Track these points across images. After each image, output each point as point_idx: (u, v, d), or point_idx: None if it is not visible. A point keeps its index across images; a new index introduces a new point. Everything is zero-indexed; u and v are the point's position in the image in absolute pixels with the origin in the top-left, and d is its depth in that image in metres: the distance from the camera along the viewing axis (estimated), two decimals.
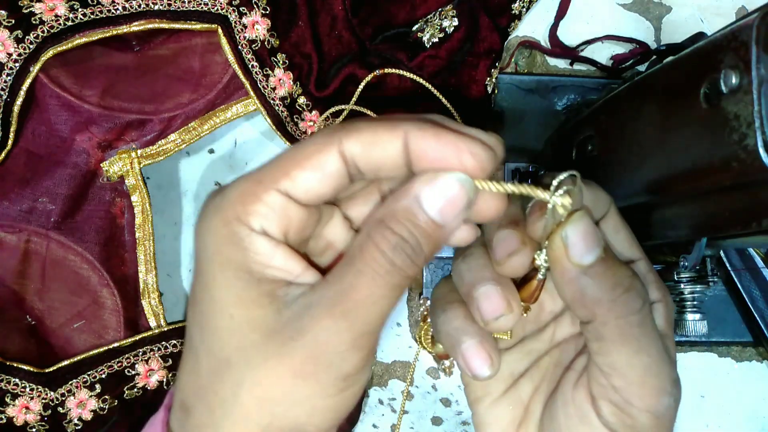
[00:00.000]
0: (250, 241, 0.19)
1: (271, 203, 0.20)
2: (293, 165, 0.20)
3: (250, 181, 0.20)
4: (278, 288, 0.20)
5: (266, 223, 0.20)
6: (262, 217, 0.20)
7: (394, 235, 0.19)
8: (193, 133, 0.43)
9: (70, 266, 0.42)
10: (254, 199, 0.20)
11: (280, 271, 0.20)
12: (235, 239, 0.19)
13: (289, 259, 0.20)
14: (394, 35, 0.44)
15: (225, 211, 0.20)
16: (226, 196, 0.20)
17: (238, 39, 0.41)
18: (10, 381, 0.39)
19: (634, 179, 0.29)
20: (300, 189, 0.20)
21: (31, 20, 0.37)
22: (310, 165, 0.20)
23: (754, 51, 0.20)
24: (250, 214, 0.20)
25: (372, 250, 0.19)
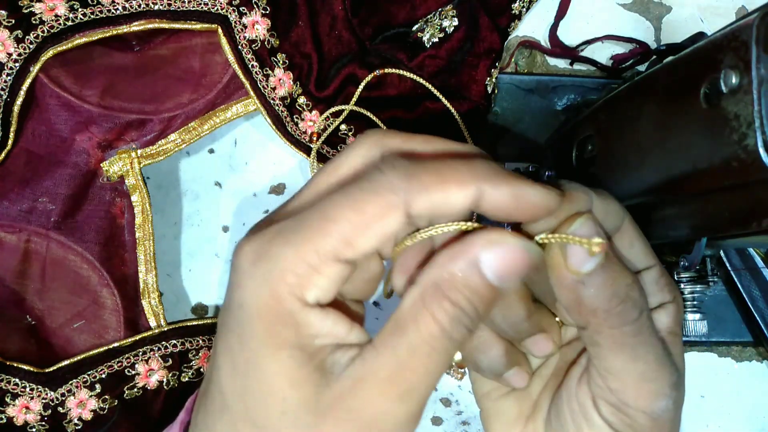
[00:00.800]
0: (304, 316, 0.18)
1: (330, 275, 0.18)
2: (355, 232, 0.18)
3: (304, 247, 0.18)
4: (327, 356, 0.19)
5: (321, 294, 0.19)
6: (318, 290, 0.18)
7: (453, 307, 0.18)
8: (193, 133, 0.43)
9: (70, 266, 0.42)
10: (311, 272, 0.18)
11: (328, 338, 0.19)
12: (288, 318, 0.18)
13: (337, 323, 0.19)
14: (394, 35, 0.44)
15: (276, 283, 0.18)
16: (276, 263, 0.18)
17: (238, 39, 0.41)
18: (10, 381, 0.39)
19: (634, 179, 0.29)
20: (357, 254, 0.18)
21: (31, 20, 0.37)
22: (373, 230, 0.18)
23: (754, 51, 0.20)
24: (306, 288, 0.18)
25: (429, 324, 0.18)
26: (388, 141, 0.20)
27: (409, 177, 0.18)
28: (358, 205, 0.18)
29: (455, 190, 0.18)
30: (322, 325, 0.19)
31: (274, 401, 0.19)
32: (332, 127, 0.44)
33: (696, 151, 0.24)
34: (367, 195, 0.18)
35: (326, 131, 0.44)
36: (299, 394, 0.18)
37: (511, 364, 0.25)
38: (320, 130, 0.43)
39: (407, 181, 0.18)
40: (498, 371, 0.25)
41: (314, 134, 0.44)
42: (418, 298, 0.19)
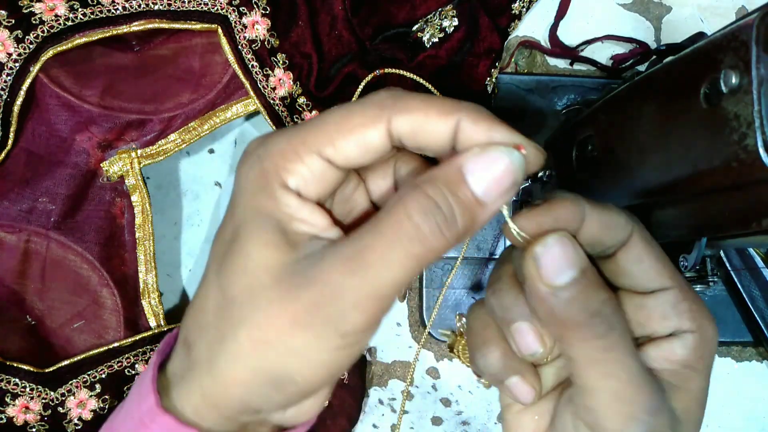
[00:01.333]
0: (283, 195, 0.20)
1: (310, 165, 0.20)
2: (339, 133, 0.20)
3: (295, 138, 0.20)
4: (303, 240, 0.20)
5: (302, 183, 0.20)
6: (298, 177, 0.20)
7: (426, 199, 0.19)
8: (193, 133, 0.43)
9: (70, 266, 0.42)
10: (295, 158, 0.20)
11: (306, 225, 0.20)
12: (270, 192, 0.20)
13: (315, 213, 0.21)
14: (394, 35, 0.44)
15: (265, 163, 0.20)
16: (268, 147, 0.21)
17: (238, 39, 0.41)
18: (10, 381, 0.39)
19: (634, 179, 0.29)
20: (340, 156, 0.20)
21: (31, 20, 0.37)
22: (355, 136, 0.20)
23: (754, 51, 0.20)
24: (289, 171, 0.20)
25: (399, 213, 0.19)
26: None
27: (396, 98, 0.20)
28: (347, 114, 0.20)
29: (435, 115, 0.20)
30: (300, 210, 0.20)
31: (240, 257, 0.20)
32: None
33: (696, 151, 0.24)
34: (356, 107, 0.21)
35: None
36: (265, 256, 0.20)
37: (509, 370, 0.24)
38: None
39: (393, 101, 0.20)
40: (496, 376, 0.25)
41: None
42: (397, 196, 0.19)
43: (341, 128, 0.20)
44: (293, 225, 0.20)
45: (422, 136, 0.20)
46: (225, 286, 0.20)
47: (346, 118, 0.20)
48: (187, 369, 0.21)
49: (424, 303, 0.48)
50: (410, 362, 0.47)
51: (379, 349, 0.48)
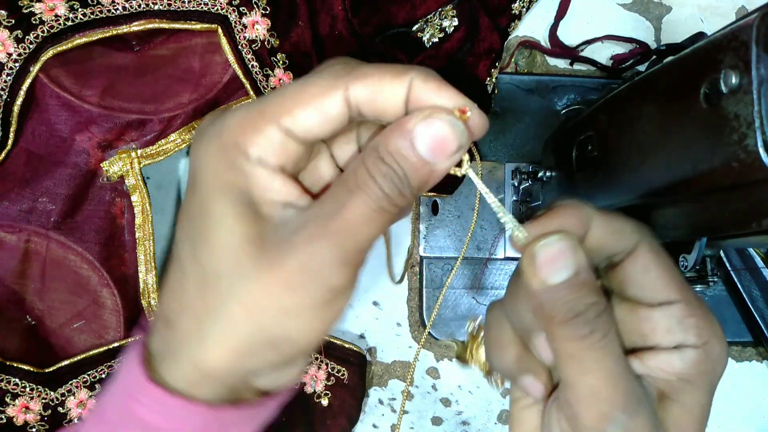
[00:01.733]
0: (250, 168, 0.20)
1: (270, 136, 0.20)
2: (296, 103, 0.20)
3: (252, 111, 0.21)
4: (276, 209, 0.21)
5: (264, 154, 0.21)
6: (259, 149, 0.20)
7: (384, 165, 0.20)
8: (193, 133, 0.43)
9: (70, 266, 0.42)
10: (254, 130, 0.20)
11: (278, 194, 0.21)
12: (235, 165, 0.20)
13: (287, 184, 0.21)
14: (394, 35, 0.44)
15: (224, 137, 0.21)
16: (225, 122, 0.21)
17: (238, 39, 0.41)
18: (10, 381, 0.39)
19: (634, 179, 0.29)
20: (300, 127, 0.21)
21: (31, 20, 0.37)
22: (313, 106, 0.20)
23: (754, 51, 0.20)
24: (249, 144, 0.20)
25: (364, 174, 0.20)
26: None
27: (351, 67, 0.21)
28: (303, 85, 0.21)
29: (389, 79, 0.21)
30: (270, 181, 0.21)
31: (220, 233, 0.20)
32: None
33: (696, 151, 0.24)
34: (313, 78, 0.21)
35: None
36: (246, 229, 0.20)
37: (523, 370, 0.25)
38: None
39: (348, 69, 0.21)
40: (510, 374, 0.26)
41: None
42: (359, 159, 0.21)
43: (298, 99, 0.20)
44: (264, 195, 0.21)
45: (378, 101, 0.21)
46: (205, 263, 0.21)
47: (302, 88, 0.21)
48: (171, 345, 0.22)
49: (424, 303, 0.48)
50: (410, 362, 0.47)
51: (379, 349, 0.48)
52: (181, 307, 0.22)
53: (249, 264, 0.20)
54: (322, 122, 0.21)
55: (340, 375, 0.45)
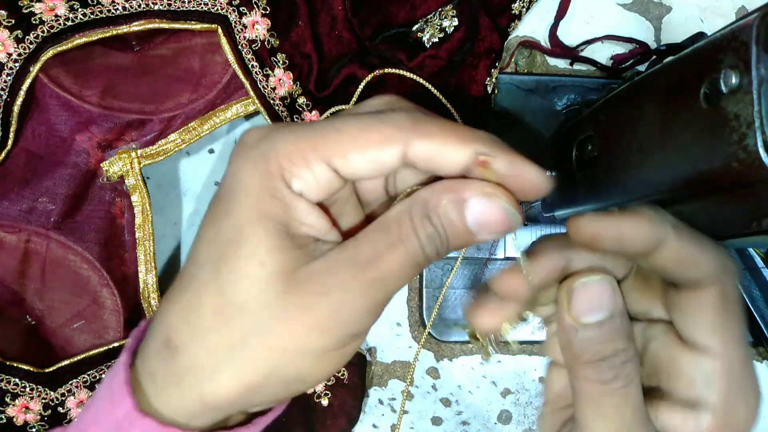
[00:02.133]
0: (291, 199, 0.20)
1: (317, 173, 0.20)
2: (353, 146, 0.20)
3: (304, 141, 0.20)
4: (308, 243, 0.21)
5: (306, 188, 0.20)
6: (304, 183, 0.20)
7: (430, 226, 0.20)
8: (193, 133, 0.43)
9: (70, 266, 0.42)
10: (302, 163, 0.20)
11: (311, 229, 0.21)
12: (278, 195, 0.20)
13: (321, 218, 0.21)
14: (394, 35, 0.44)
15: (270, 163, 0.20)
16: (274, 146, 0.20)
17: (238, 39, 0.41)
18: (10, 381, 0.39)
19: (634, 179, 0.29)
20: (349, 169, 0.20)
21: (31, 20, 0.37)
22: (369, 154, 0.20)
23: (754, 51, 0.20)
24: (295, 176, 0.20)
25: (409, 231, 0.20)
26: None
27: (416, 121, 0.20)
28: (364, 128, 0.20)
29: (454, 144, 0.20)
30: (308, 214, 0.20)
31: (250, 264, 0.20)
32: None
33: (696, 151, 0.24)
34: (375, 123, 0.20)
35: None
36: (278, 263, 0.20)
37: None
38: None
39: (413, 124, 0.20)
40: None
41: None
42: (405, 209, 0.21)
43: (357, 142, 0.20)
44: (300, 229, 0.20)
45: (437, 162, 0.20)
46: (229, 292, 0.20)
47: (363, 132, 0.20)
48: (174, 373, 0.21)
49: (424, 303, 0.48)
50: (410, 362, 0.47)
51: (379, 349, 0.48)
52: (193, 334, 0.21)
53: (276, 302, 0.20)
54: (373, 169, 0.20)
55: (340, 375, 0.45)
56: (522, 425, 0.49)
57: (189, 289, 0.21)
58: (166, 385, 0.21)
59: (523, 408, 0.49)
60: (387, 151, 0.20)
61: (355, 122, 0.20)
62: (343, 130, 0.20)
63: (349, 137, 0.20)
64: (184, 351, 0.21)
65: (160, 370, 0.21)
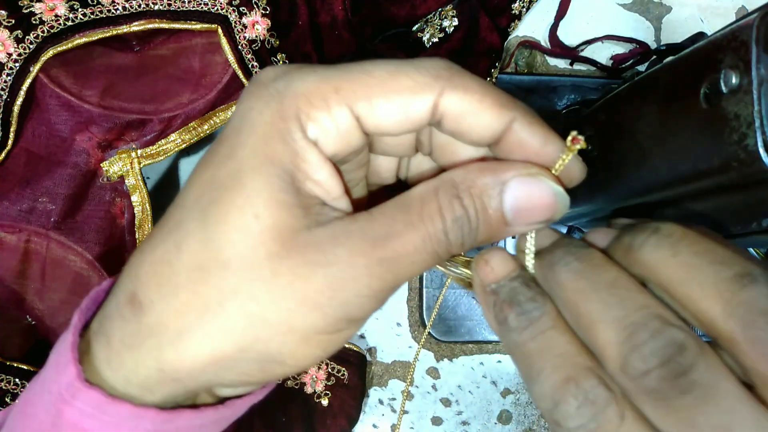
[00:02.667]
0: (303, 146, 0.17)
1: (337, 118, 0.17)
2: (381, 91, 0.17)
3: (326, 81, 0.17)
4: (314, 205, 0.18)
5: (323, 136, 0.17)
6: (321, 128, 0.17)
7: (461, 208, 0.18)
8: (193, 133, 0.43)
9: (70, 266, 0.42)
10: (322, 105, 0.17)
11: (320, 188, 0.18)
12: (288, 139, 0.17)
13: (332, 177, 0.18)
14: (394, 35, 0.44)
15: (285, 102, 0.17)
16: (292, 84, 0.17)
17: (238, 39, 0.41)
18: (10, 381, 0.39)
19: (634, 179, 0.29)
20: (373, 119, 0.18)
21: (31, 20, 0.37)
22: (398, 101, 0.17)
23: (754, 51, 0.20)
24: (312, 119, 0.17)
25: (433, 211, 0.17)
26: None
27: (454, 72, 0.18)
28: (395, 72, 0.18)
29: (490, 105, 0.18)
30: (319, 169, 0.18)
31: (243, 215, 0.17)
32: None
33: (696, 151, 0.24)
34: (408, 68, 0.18)
35: None
36: (275, 218, 0.17)
37: None
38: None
39: (450, 74, 0.18)
40: None
41: None
42: (432, 188, 0.18)
43: (386, 86, 0.17)
44: (307, 185, 0.18)
45: (469, 122, 0.18)
46: (213, 245, 0.17)
47: (393, 76, 0.17)
48: (137, 333, 0.18)
49: (424, 303, 0.48)
50: (410, 362, 0.47)
51: (379, 349, 0.48)
52: (163, 290, 0.18)
53: (266, 264, 0.17)
54: (400, 121, 0.18)
55: (340, 375, 0.45)
56: (522, 425, 0.49)
57: (168, 239, 0.18)
58: (122, 349, 0.18)
59: (523, 408, 0.49)
60: (417, 100, 0.17)
61: (385, 66, 0.18)
62: (371, 72, 0.17)
63: (378, 81, 0.17)
64: (149, 309, 0.18)
65: (118, 331, 0.18)
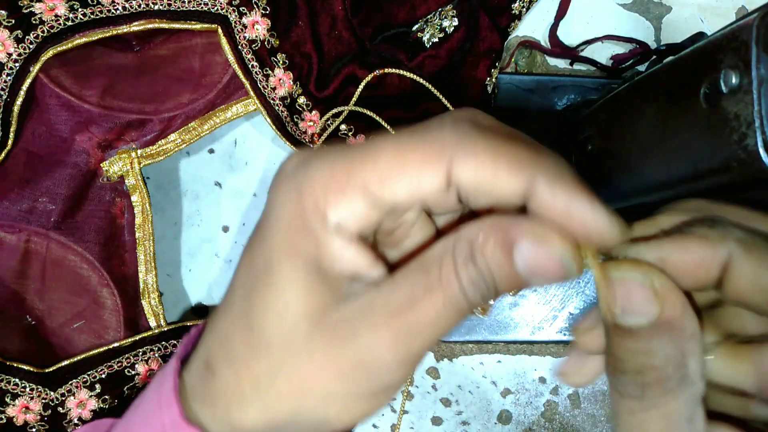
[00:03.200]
0: (325, 235, 0.18)
1: (354, 202, 0.18)
2: (388, 171, 0.18)
3: (339, 169, 0.18)
4: (343, 282, 0.19)
5: (344, 219, 0.18)
6: (340, 213, 0.18)
7: (475, 270, 0.18)
8: (193, 133, 0.43)
9: (70, 266, 0.42)
10: (339, 193, 0.18)
11: (348, 265, 0.19)
12: (309, 230, 0.18)
13: (360, 253, 0.19)
14: (394, 35, 0.44)
15: (304, 193, 0.18)
16: (309, 174, 0.18)
17: (238, 39, 0.41)
18: (10, 381, 0.39)
19: (634, 179, 0.29)
20: (388, 197, 0.18)
21: (31, 20, 0.37)
22: (407, 177, 0.18)
23: (754, 51, 0.20)
24: (330, 207, 0.18)
25: (450, 274, 0.18)
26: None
27: (462, 136, 0.17)
28: (402, 148, 0.18)
29: (505, 168, 0.17)
30: (343, 251, 0.18)
31: (277, 302, 0.19)
32: (332, 128, 0.44)
33: (696, 151, 0.24)
34: (415, 141, 0.18)
35: (326, 131, 0.44)
36: (305, 304, 0.19)
37: None
38: (320, 130, 0.44)
39: (457, 139, 0.17)
40: None
41: (315, 135, 0.44)
42: (449, 247, 0.18)
43: (394, 165, 0.18)
44: (334, 266, 0.19)
45: (484, 188, 0.17)
46: (257, 328, 0.19)
47: (400, 153, 0.18)
48: (210, 391, 0.21)
49: None
50: None
51: None
52: (225, 358, 0.20)
53: (303, 344, 0.19)
54: (413, 195, 0.18)
55: None
56: (522, 425, 0.49)
57: (226, 315, 0.21)
58: (203, 403, 0.21)
59: (523, 408, 0.49)
60: (427, 174, 0.17)
61: (393, 143, 0.18)
62: (380, 152, 0.18)
63: (386, 160, 0.18)
64: (219, 375, 0.21)
65: (199, 387, 0.21)
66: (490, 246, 0.18)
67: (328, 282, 0.19)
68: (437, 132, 0.18)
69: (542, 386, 0.49)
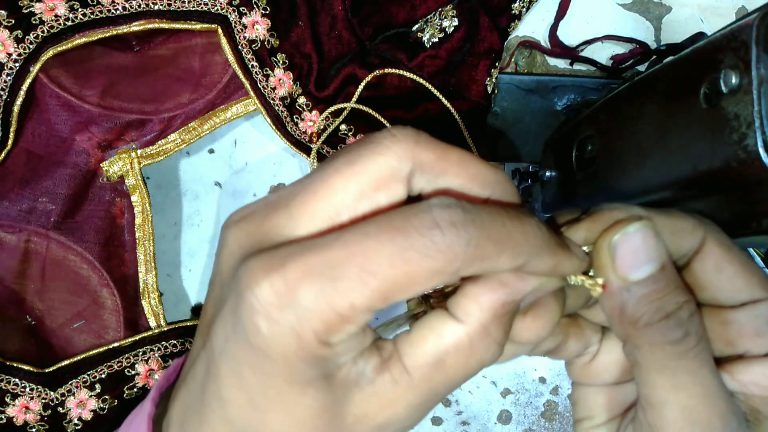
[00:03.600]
0: (328, 352, 0.17)
1: (361, 322, 0.17)
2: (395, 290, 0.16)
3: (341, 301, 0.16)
4: (351, 370, 0.18)
5: (347, 337, 0.17)
6: (345, 335, 0.17)
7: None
8: (193, 133, 0.43)
9: (70, 266, 0.42)
10: (343, 322, 0.16)
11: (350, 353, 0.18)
12: (313, 358, 0.17)
13: (357, 338, 0.18)
14: (394, 35, 0.44)
15: (303, 331, 0.16)
16: (305, 311, 0.16)
17: (238, 39, 0.41)
18: (10, 381, 0.39)
19: (634, 179, 0.29)
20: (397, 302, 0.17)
21: (31, 20, 0.37)
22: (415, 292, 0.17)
23: (754, 51, 0.20)
24: (334, 334, 0.17)
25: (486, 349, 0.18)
26: (420, 154, 0.18)
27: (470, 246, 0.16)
28: (406, 267, 0.16)
29: (506, 261, 0.17)
30: (344, 349, 0.18)
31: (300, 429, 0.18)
32: (332, 127, 0.44)
33: (696, 151, 0.24)
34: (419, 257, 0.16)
35: (326, 131, 0.44)
36: (325, 420, 0.18)
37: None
38: (320, 130, 0.44)
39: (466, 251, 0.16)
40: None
41: (314, 134, 0.44)
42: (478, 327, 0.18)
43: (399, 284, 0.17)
44: (339, 361, 0.18)
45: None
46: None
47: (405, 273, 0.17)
48: None
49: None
50: None
51: None
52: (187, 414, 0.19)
53: None
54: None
55: None
56: (522, 425, 0.49)
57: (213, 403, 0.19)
58: None
59: (523, 408, 0.49)
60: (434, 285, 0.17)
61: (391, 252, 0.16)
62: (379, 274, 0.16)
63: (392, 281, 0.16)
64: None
65: None
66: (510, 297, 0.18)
67: (338, 380, 0.18)
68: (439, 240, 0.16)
69: (542, 386, 0.49)
